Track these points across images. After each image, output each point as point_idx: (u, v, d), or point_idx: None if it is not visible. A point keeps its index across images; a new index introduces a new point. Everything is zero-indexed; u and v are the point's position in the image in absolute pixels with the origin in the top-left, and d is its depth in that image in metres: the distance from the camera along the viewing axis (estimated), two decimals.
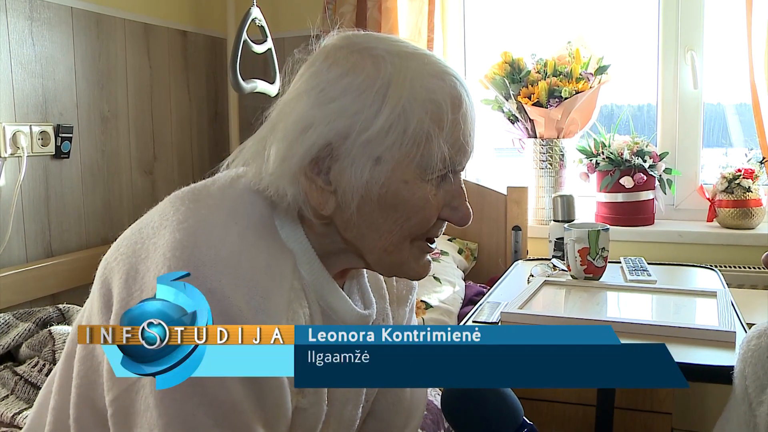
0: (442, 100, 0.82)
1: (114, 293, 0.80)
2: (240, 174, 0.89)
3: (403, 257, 0.86)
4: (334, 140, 0.80)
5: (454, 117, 0.83)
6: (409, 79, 0.81)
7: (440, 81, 0.83)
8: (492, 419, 0.97)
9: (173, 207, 0.83)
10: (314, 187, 0.82)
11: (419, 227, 0.85)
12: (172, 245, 0.77)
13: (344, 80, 0.81)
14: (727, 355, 1.26)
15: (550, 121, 2.52)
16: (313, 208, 0.83)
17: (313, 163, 0.81)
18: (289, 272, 0.83)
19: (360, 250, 0.86)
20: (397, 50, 0.84)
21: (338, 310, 0.89)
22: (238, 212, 0.83)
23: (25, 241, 2.02)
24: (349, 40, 0.86)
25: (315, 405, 0.88)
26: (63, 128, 2.10)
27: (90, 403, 0.83)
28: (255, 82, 2.31)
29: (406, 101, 0.80)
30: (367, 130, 0.80)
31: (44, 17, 2.07)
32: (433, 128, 0.81)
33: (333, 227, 0.86)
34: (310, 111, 0.81)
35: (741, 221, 2.39)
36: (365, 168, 0.80)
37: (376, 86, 0.80)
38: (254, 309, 0.76)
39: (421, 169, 0.82)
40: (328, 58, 0.84)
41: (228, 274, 0.75)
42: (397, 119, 0.80)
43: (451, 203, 0.86)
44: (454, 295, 2.19)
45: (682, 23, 2.51)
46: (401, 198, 0.82)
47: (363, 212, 0.83)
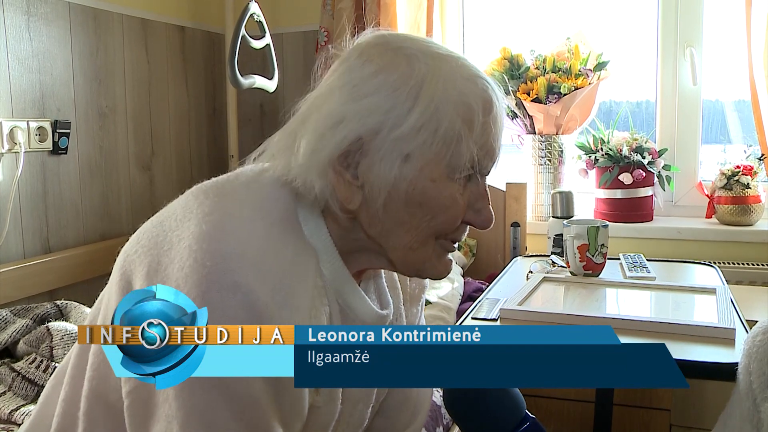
0: (473, 103, 0.82)
1: (135, 285, 0.79)
2: (265, 168, 0.89)
3: (426, 255, 0.87)
4: (365, 135, 0.81)
5: (485, 120, 0.83)
6: (442, 79, 0.82)
7: (473, 84, 0.84)
8: (494, 412, 0.97)
9: (197, 200, 0.83)
10: (342, 180, 0.82)
11: (445, 226, 0.85)
12: (198, 237, 0.76)
13: (378, 77, 0.82)
14: (726, 352, 1.26)
15: (549, 117, 2.52)
16: (340, 202, 0.83)
17: (342, 157, 0.81)
18: (313, 270, 0.83)
19: (383, 248, 0.87)
20: (431, 51, 0.85)
21: (357, 309, 0.89)
22: (263, 207, 0.83)
23: (22, 237, 2.02)
24: (383, 39, 0.87)
25: (329, 404, 0.89)
26: (60, 124, 2.10)
27: (102, 396, 0.83)
28: (253, 78, 2.30)
29: (439, 101, 0.81)
30: (399, 127, 0.80)
31: (41, 12, 2.06)
32: (463, 129, 0.82)
33: (357, 223, 0.86)
34: (343, 106, 0.81)
35: (740, 218, 2.39)
36: (394, 165, 0.81)
37: (410, 84, 0.81)
38: (279, 304, 0.76)
39: (450, 169, 0.83)
40: (362, 55, 0.85)
41: (254, 269, 0.75)
42: (429, 118, 0.80)
43: (475, 205, 0.87)
44: (453, 291, 2.19)
45: (682, 19, 2.51)
46: (428, 196, 0.83)
47: (389, 208, 0.83)
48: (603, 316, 1.44)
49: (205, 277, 0.73)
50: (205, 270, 0.73)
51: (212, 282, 0.73)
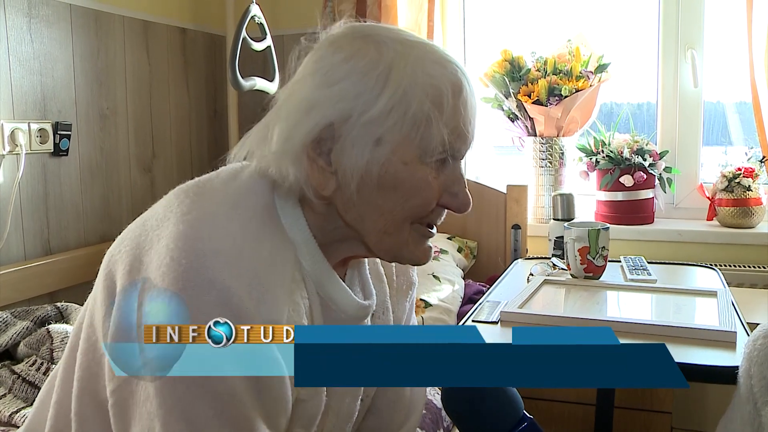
0: (442, 86, 0.83)
1: (117, 284, 0.80)
2: (244, 165, 0.90)
3: (402, 239, 0.87)
4: (336, 121, 0.82)
5: (455, 102, 0.84)
6: (411, 63, 0.83)
7: (441, 68, 0.85)
8: (492, 412, 0.97)
9: (177, 199, 0.85)
10: (315, 167, 0.83)
11: (419, 209, 0.86)
12: (175, 236, 0.78)
13: (348, 64, 0.83)
14: (727, 355, 1.26)
15: (550, 119, 2.52)
16: (314, 189, 0.84)
17: (315, 144, 0.83)
18: (291, 263, 0.84)
19: (360, 233, 0.87)
20: (400, 38, 0.86)
21: (338, 300, 0.90)
22: (240, 203, 0.84)
23: (23, 239, 2.02)
24: (353, 28, 0.89)
25: (314, 397, 0.89)
26: (62, 126, 2.10)
27: (92, 395, 0.83)
28: (254, 80, 2.30)
29: (408, 84, 0.82)
30: (368, 111, 0.81)
31: (43, 14, 2.06)
32: (433, 111, 0.83)
33: (333, 208, 0.87)
34: (314, 92, 0.83)
35: (741, 220, 2.38)
36: (365, 149, 0.82)
37: (379, 69, 0.82)
38: (256, 300, 0.76)
39: (421, 151, 0.83)
40: (332, 44, 0.87)
41: (230, 265, 0.76)
42: (398, 101, 0.81)
43: (451, 189, 0.88)
44: (454, 293, 2.19)
45: (683, 21, 2.51)
46: (401, 179, 0.83)
47: (363, 193, 0.84)
48: (604, 318, 1.44)
49: (181, 275, 0.74)
50: (181, 268, 0.74)
51: (187, 280, 0.74)
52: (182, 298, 0.73)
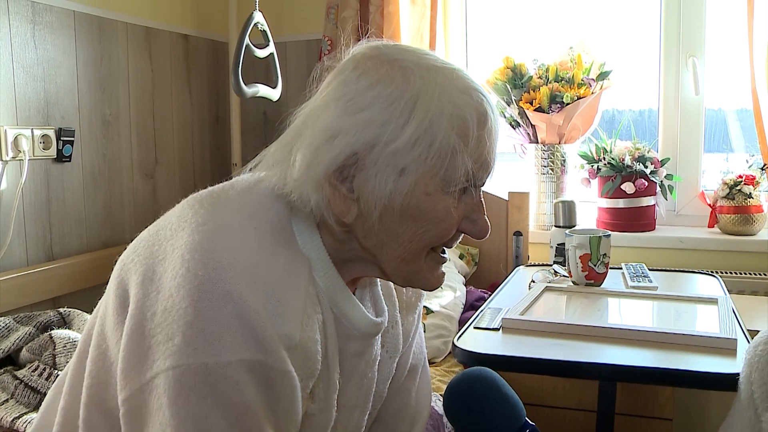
0: (468, 116, 0.83)
1: (130, 294, 0.80)
2: (260, 178, 0.89)
3: (418, 267, 0.87)
4: (361, 150, 0.81)
5: (480, 133, 0.84)
6: (437, 93, 0.82)
7: (467, 96, 0.84)
8: (494, 419, 0.97)
9: (192, 209, 0.84)
10: (338, 194, 0.83)
11: (438, 238, 0.86)
12: (190, 247, 0.77)
13: (373, 90, 0.82)
14: (728, 362, 1.26)
15: (552, 126, 2.52)
16: (335, 215, 0.84)
17: (338, 171, 0.82)
18: (305, 278, 0.84)
19: (377, 259, 0.87)
20: (426, 63, 0.85)
21: (351, 317, 0.90)
22: (256, 217, 0.84)
23: (26, 245, 2.02)
24: (378, 51, 0.87)
25: (324, 411, 0.89)
26: (65, 132, 2.10)
27: (101, 403, 0.83)
28: (257, 87, 2.31)
29: (434, 115, 0.81)
30: (394, 141, 0.80)
31: (46, 21, 2.07)
32: (458, 143, 0.82)
33: (353, 235, 0.86)
34: (338, 120, 0.82)
35: (742, 227, 2.39)
36: (389, 178, 0.81)
37: (405, 98, 0.81)
38: (271, 313, 0.76)
39: (444, 183, 0.83)
40: (357, 68, 0.85)
41: (246, 278, 0.76)
42: (424, 132, 0.81)
43: (471, 216, 0.88)
44: (455, 300, 2.19)
45: (684, 29, 2.52)
46: (423, 209, 0.83)
47: (384, 221, 0.83)
48: (605, 326, 1.44)
49: (197, 287, 0.74)
50: (198, 280, 0.74)
51: (204, 292, 0.73)
52: (198, 309, 0.73)
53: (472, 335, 1.46)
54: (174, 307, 0.74)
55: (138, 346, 0.75)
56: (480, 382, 0.99)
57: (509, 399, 0.99)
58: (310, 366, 0.82)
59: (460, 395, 1.00)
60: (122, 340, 0.77)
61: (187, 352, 0.72)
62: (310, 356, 0.82)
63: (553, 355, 1.33)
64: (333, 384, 0.89)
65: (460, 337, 1.43)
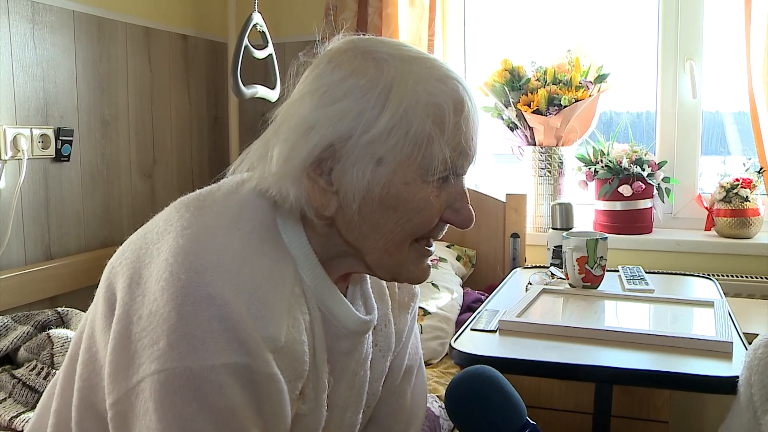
0: (444, 103, 0.82)
1: (117, 297, 0.80)
2: (245, 179, 0.90)
3: (402, 259, 0.87)
4: (337, 141, 0.81)
5: (456, 120, 0.83)
6: (411, 81, 0.82)
7: (443, 84, 0.84)
8: (495, 418, 0.97)
9: (178, 213, 0.84)
10: (316, 187, 0.83)
11: (420, 228, 0.85)
12: (174, 251, 0.77)
13: (347, 82, 0.82)
14: (723, 365, 1.26)
15: (550, 128, 2.53)
16: (315, 209, 0.84)
17: (315, 164, 0.82)
18: (290, 277, 0.84)
19: (361, 252, 0.87)
20: (401, 54, 0.85)
21: (338, 315, 0.89)
22: (241, 218, 0.84)
23: (24, 244, 2.02)
24: (353, 44, 0.87)
25: (315, 411, 0.89)
26: (63, 131, 2.11)
27: (91, 406, 0.83)
28: (255, 88, 2.31)
29: (409, 103, 0.81)
30: (369, 131, 0.80)
31: (46, 20, 2.07)
32: (434, 130, 0.82)
33: (335, 228, 0.86)
34: (313, 112, 0.82)
35: (739, 230, 2.39)
36: (367, 169, 0.81)
37: (379, 88, 0.81)
38: (254, 315, 0.76)
39: (423, 171, 0.83)
40: (331, 60, 0.85)
41: (229, 281, 0.76)
42: (399, 121, 0.80)
43: (453, 205, 0.87)
44: (452, 301, 2.20)
45: (682, 32, 2.52)
46: (402, 199, 0.83)
47: (364, 213, 0.83)
48: (601, 328, 1.44)
49: (180, 291, 0.74)
50: (180, 283, 0.74)
51: (187, 296, 0.74)
52: (181, 313, 0.73)
53: (469, 337, 1.46)
54: (158, 311, 0.74)
55: (125, 349, 0.76)
56: (482, 381, 0.99)
57: (511, 398, 0.99)
58: (298, 367, 0.82)
59: (461, 393, 1.00)
60: (109, 343, 0.78)
61: (172, 356, 0.72)
62: (297, 357, 0.82)
63: (549, 357, 1.33)
64: (322, 384, 0.89)
65: (457, 338, 1.43)
